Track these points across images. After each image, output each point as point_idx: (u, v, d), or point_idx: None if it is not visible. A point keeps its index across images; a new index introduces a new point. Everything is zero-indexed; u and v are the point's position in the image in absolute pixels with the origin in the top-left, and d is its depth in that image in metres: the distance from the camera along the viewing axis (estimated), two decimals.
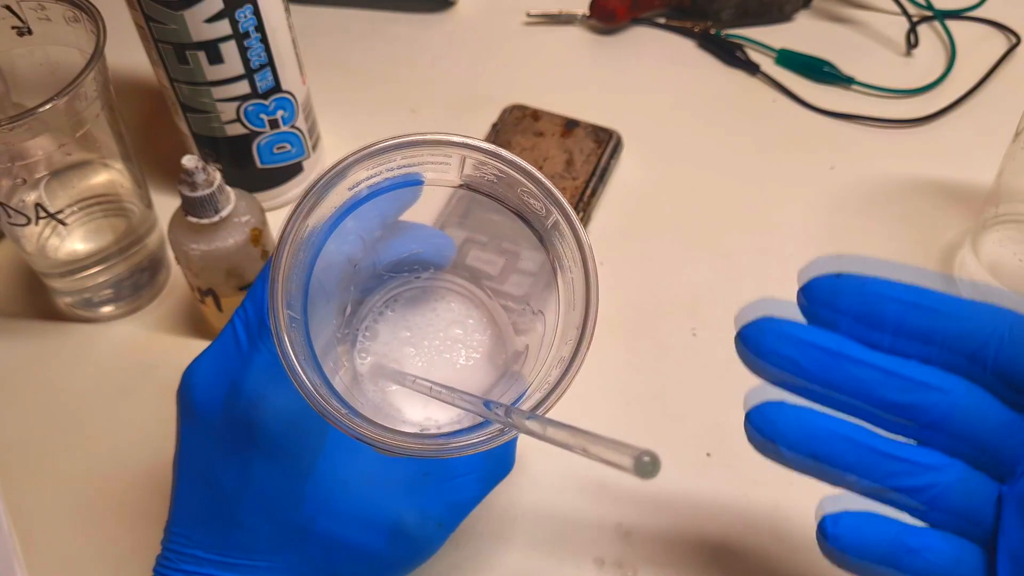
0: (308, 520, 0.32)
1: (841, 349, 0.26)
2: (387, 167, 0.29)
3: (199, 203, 0.41)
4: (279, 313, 0.26)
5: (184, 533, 0.33)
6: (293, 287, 0.27)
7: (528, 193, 0.29)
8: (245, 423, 0.31)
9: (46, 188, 0.46)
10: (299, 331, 0.27)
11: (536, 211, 0.30)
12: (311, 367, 0.27)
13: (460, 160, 0.29)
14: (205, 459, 0.33)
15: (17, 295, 0.52)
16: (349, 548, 0.32)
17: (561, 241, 0.29)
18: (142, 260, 0.50)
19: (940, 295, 0.26)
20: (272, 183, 0.54)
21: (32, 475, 0.45)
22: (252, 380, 0.31)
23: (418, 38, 0.66)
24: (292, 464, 0.31)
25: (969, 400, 0.25)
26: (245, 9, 0.45)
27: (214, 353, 0.33)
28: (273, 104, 0.50)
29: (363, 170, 0.28)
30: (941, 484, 0.26)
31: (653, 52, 0.64)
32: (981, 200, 0.49)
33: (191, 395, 0.33)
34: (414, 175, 0.30)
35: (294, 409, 0.29)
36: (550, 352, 0.29)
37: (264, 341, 0.31)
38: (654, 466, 0.19)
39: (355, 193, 0.29)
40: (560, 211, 0.29)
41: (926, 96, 0.60)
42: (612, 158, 0.56)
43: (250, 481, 0.32)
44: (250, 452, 0.31)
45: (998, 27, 0.64)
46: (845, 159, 0.57)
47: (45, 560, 0.42)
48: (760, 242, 0.53)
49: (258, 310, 0.32)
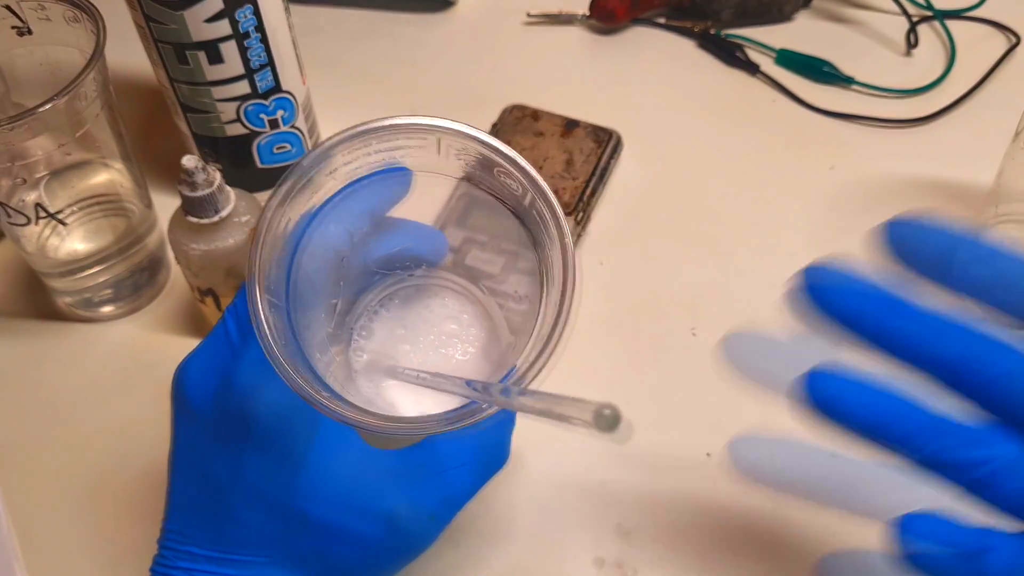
0: (301, 512, 0.32)
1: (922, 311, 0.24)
2: (364, 152, 0.29)
3: (199, 203, 0.41)
4: (257, 296, 0.26)
5: (180, 530, 0.33)
6: (273, 273, 0.27)
7: (504, 173, 0.29)
8: (237, 417, 0.31)
9: (46, 188, 0.46)
10: (280, 316, 0.27)
11: (514, 192, 0.30)
12: (292, 351, 0.27)
13: (435, 142, 0.29)
14: (199, 454, 0.33)
15: (17, 295, 0.52)
16: (343, 539, 0.32)
17: (540, 221, 0.29)
18: (142, 260, 0.50)
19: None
20: (272, 183, 0.53)
21: (31, 474, 0.45)
22: (243, 374, 0.31)
23: (418, 38, 0.66)
24: (284, 456, 0.31)
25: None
26: (245, 9, 0.45)
27: (206, 349, 0.33)
28: (273, 104, 0.50)
29: (340, 155, 0.28)
30: (999, 460, 0.23)
31: (653, 52, 0.64)
32: (981, 200, 0.49)
33: (184, 390, 0.33)
34: (395, 162, 0.30)
35: (285, 402, 0.29)
36: (536, 335, 0.29)
37: (254, 336, 0.31)
38: (615, 419, 0.19)
39: (335, 181, 0.29)
40: (533, 187, 0.29)
41: (926, 96, 0.60)
42: (612, 158, 0.56)
43: (243, 474, 0.32)
44: (243, 445, 0.32)
45: (998, 27, 0.64)
46: (845, 159, 0.57)
47: (44, 559, 0.42)
48: (760, 242, 0.53)
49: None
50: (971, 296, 0.24)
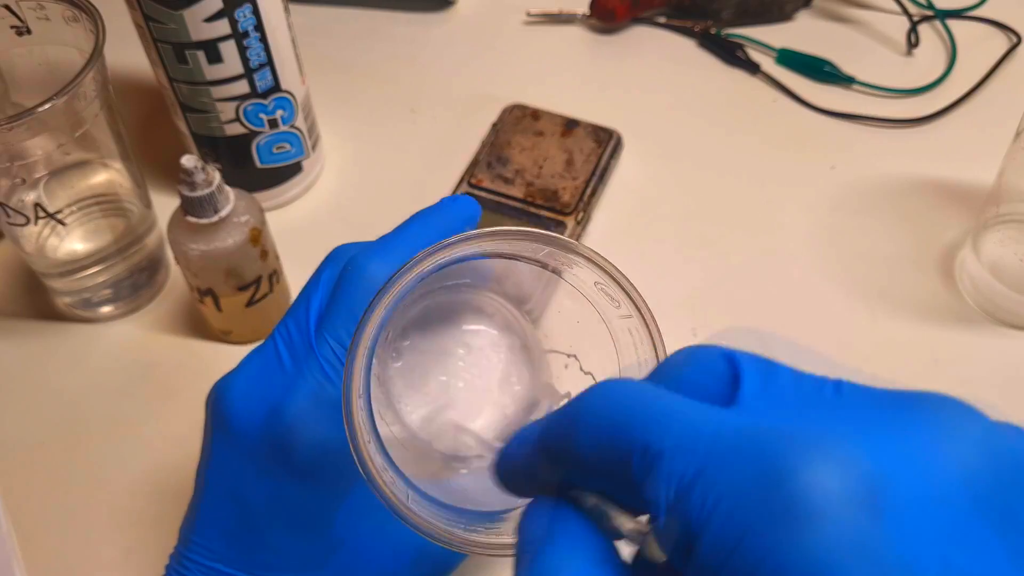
0: (336, 542, 0.32)
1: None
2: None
3: (198, 203, 0.41)
4: (353, 408, 0.25)
5: (206, 545, 0.33)
6: (362, 366, 0.26)
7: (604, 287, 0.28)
8: (283, 447, 0.31)
9: (45, 188, 0.46)
10: (364, 410, 0.27)
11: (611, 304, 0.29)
12: (377, 456, 0.26)
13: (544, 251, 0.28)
14: (236, 475, 0.32)
15: (16, 295, 0.52)
16: (374, 570, 0.33)
17: (631, 334, 0.28)
18: (141, 260, 0.50)
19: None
20: (272, 183, 0.54)
21: (31, 475, 0.45)
22: (295, 406, 0.31)
23: (418, 38, 0.66)
24: (326, 490, 0.31)
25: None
26: (244, 8, 0.45)
27: (253, 370, 0.32)
28: (272, 104, 0.50)
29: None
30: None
31: (653, 52, 0.64)
32: (982, 200, 0.49)
33: (227, 410, 0.32)
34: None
35: (335, 440, 0.29)
36: None
37: (309, 368, 0.31)
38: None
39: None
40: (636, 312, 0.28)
41: (927, 96, 0.60)
42: (612, 158, 0.56)
43: (282, 502, 0.32)
44: (284, 475, 0.31)
45: (999, 27, 0.64)
46: (845, 159, 0.57)
47: (44, 560, 0.42)
48: (760, 242, 0.53)
49: (301, 330, 0.32)
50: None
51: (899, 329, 0.49)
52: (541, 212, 0.53)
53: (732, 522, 0.17)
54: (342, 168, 0.58)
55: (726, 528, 0.17)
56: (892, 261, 0.51)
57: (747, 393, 0.19)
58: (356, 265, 0.31)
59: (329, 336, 0.31)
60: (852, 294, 0.50)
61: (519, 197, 0.53)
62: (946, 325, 0.49)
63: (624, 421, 0.19)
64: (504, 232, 0.26)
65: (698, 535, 0.17)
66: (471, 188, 0.54)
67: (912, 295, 0.50)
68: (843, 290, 0.50)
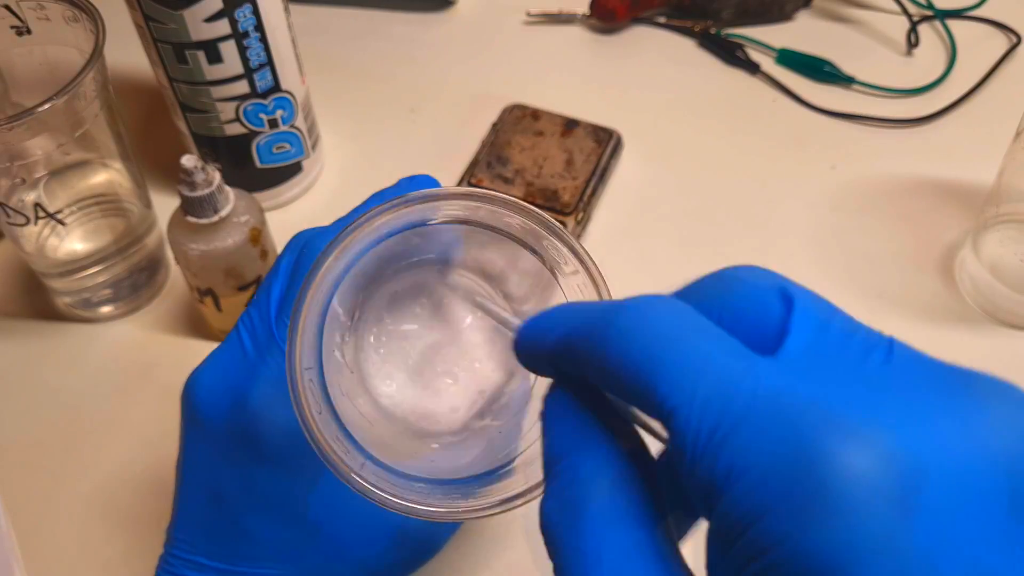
0: (313, 528, 0.32)
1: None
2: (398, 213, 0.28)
3: (198, 203, 0.41)
4: (298, 378, 0.25)
5: (187, 539, 0.33)
6: (309, 338, 0.26)
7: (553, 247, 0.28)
8: (250, 435, 0.31)
9: (45, 188, 0.46)
10: (315, 382, 0.27)
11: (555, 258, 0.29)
12: (330, 425, 0.26)
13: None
14: (208, 467, 0.33)
15: (16, 295, 0.52)
16: (353, 554, 0.32)
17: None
18: (141, 260, 0.50)
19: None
20: (271, 183, 0.54)
21: (30, 475, 0.45)
22: (258, 393, 0.31)
23: (418, 38, 0.66)
24: (297, 475, 0.31)
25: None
26: (244, 8, 0.45)
27: (219, 361, 0.33)
28: (272, 103, 0.50)
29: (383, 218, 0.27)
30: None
31: (653, 52, 0.64)
32: (982, 200, 0.49)
33: (195, 403, 0.32)
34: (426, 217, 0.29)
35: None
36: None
37: (271, 354, 0.31)
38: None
39: (369, 238, 0.28)
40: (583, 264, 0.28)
41: (927, 96, 0.60)
42: (612, 158, 0.56)
43: (254, 491, 0.32)
44: (254, 463, 0.31)
45: (999, 27, 0.64)
46: (845, 159, 0.57)
47: (44, 560, 0.42)
48: (760, 242, 0.53)
49: (263, 318, 0.32)
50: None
51: (899, 329, 0.48)
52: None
53: (756, 496, 0.16)
54: (342, 168, 0.58)
55: (750, 499, 0.16)
56: (892, 261, 0.51)
57: (793, 347, 0.18)
58: (311, 249, 0.32)
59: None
60: (852, 294, 0.50)
61: (519, 197, 0.53)
62: (946, 325, 0.49)
63: (658, 354, 0.18)
64: (437, 194, 0.27)
65: (720, 496, 0.17)
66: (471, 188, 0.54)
67: (912, 295, 0.50)
68: (843, 290, 0.50)
